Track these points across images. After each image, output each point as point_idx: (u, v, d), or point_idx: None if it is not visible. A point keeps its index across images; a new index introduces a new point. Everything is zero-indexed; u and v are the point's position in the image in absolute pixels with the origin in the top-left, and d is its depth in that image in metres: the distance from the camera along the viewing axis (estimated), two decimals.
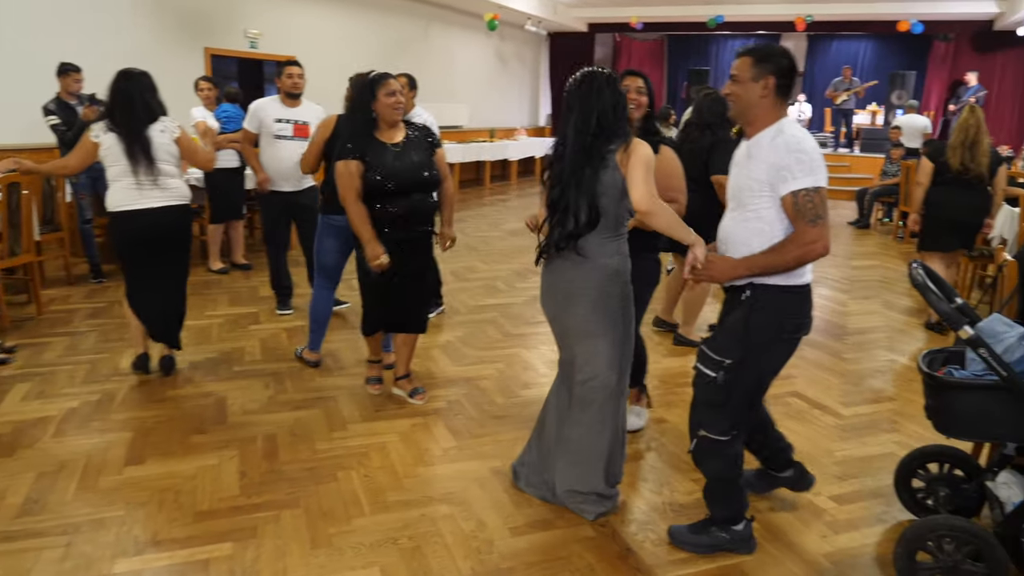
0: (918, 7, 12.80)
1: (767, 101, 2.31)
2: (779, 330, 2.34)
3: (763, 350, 2.35)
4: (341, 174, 3.33)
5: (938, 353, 2.57)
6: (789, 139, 2.24)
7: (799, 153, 2.20)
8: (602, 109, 2.50)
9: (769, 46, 2.37)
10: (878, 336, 5.15)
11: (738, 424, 2.46)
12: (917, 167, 5.38)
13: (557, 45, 16.49)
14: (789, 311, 2.35)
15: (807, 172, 2.19)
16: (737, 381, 2.37)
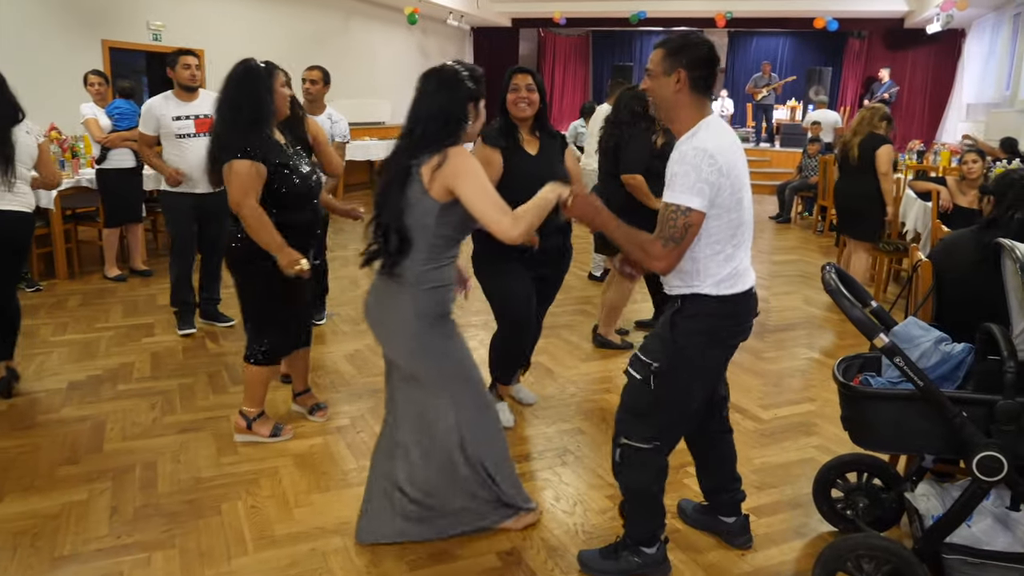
0: (833, 5, 13.10)
1: (683, 96, 2.11)
2: (710, 338, 2.18)
3: (691, 357, 2.18)
4: (245, 175, 2.91)
5: (854, 360, 2.47)
6: (689, 150, 2.04)
7: (688, 166, 2.01)
8: (430, 115, 2.14)
9: (684, 36, 2.17)
10: (798, 333, 5.12)
11: (664, 434, 2.29)
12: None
13: (481, 40, 16.30)
14: (721, 319, 2.19)
15: (686, 189, 2.01)
16: (664, 387, 2.19)
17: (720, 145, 2.05)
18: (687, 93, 2.12)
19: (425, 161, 2.11)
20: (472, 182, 2.08)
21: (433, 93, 2.14)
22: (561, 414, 3.67)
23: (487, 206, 2.07)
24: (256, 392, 3.28)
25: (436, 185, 2.10)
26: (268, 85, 3.00)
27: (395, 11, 12.97)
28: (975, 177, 5.05)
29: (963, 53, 13.45)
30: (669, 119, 2.21)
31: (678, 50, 2.11)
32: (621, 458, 2.31)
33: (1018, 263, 2.02)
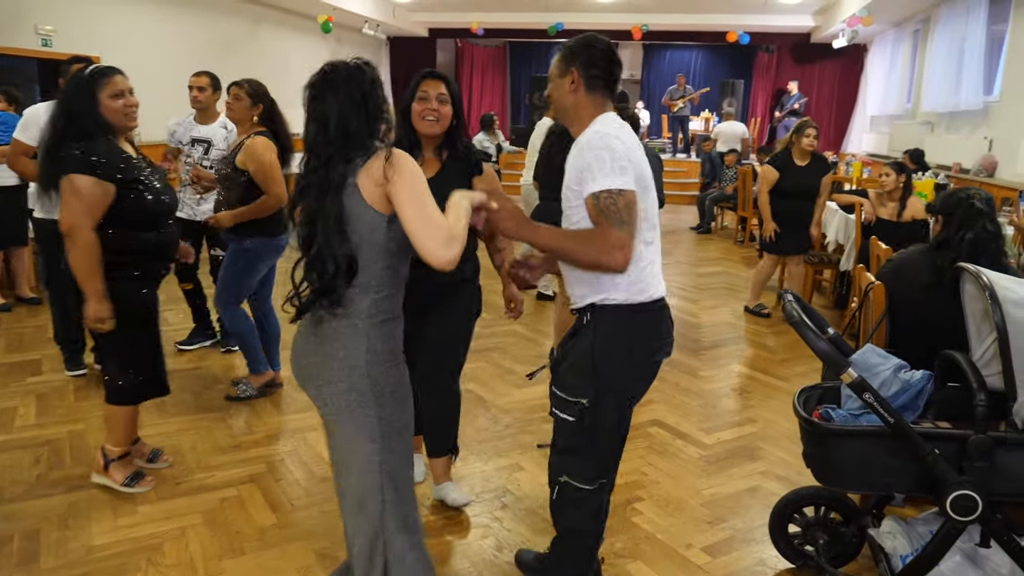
0: (744, 19, 13.43)
1: (579, 97, 2.02)
2: (629, 353, 2.01)
3: (617, 385, 2.02)
4: (87, 194, 2.57)
5: (812, 390, 2.34)
6: (591, 136, 1.94)
7: (600, 151, 1.89)
8: (341, 112, 1.80)
9: (581, 37, 2.07)
10: (730, 349, 5.06)
11: (606, 470, 2.13)
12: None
13: (398, 50, 15.98)
14: (639, 333, 2.02)
15: (608, 172, 1.86)
16: (598, 423, 2.02)
17: (619, 132, 1.95)
18: (583, 93, 2.02)
19: (360, 166, 1.78)
20: (412, 192, 1.75)
21: (335, 93, 1.81)
22: (497, 449, 3.44)
23: (417, 219, 1.73)
24: (118, 431, 2.97)
25: (379, 194, 1.77)
26: (88, 95, 2.66)
27: (308, 19, 12.52)
28: (889, 189, 5.12)
29: (866, 67, 14.00)
30: (569, 121, 2.10)
31: (571, 51, 2.04)
32: (559, 497, 2.13)
33: (987, 290, 1.92)
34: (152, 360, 2.98)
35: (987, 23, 8.49)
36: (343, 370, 1.85)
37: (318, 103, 1.83)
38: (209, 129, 4.39)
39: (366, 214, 1.78)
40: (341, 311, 1.84)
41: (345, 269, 1.79)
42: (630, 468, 3.27)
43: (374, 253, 1.81)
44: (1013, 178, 7.50)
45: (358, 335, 1.84)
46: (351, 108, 1.80)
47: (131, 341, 2.86)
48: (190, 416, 3.70)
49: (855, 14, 10.51)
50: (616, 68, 2.05)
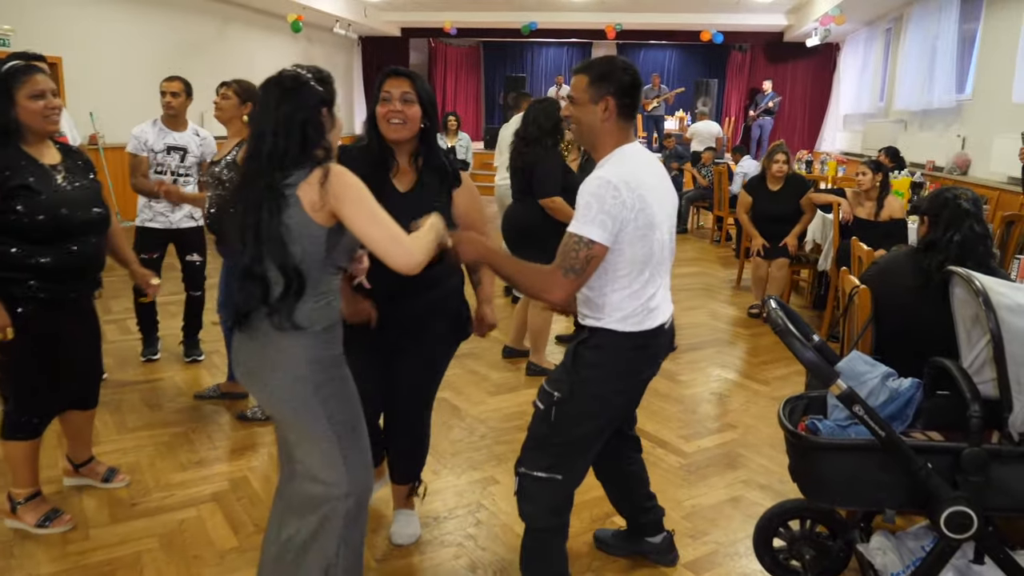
0: (718, 18, 13.41)
1: (609, 125, 2.01)
2: (613, 370, 2.06)
3: (592, 389, 2.06)
4: None
5: (798, 401, 2.24)
6: (595, 178, 1.93)
7: (591, 196, 1.91)
8: (280, 129, 1.74)
9: (609, 61, 2.05)
10: (709, 352, 4.97)
11: (562, 466, 2.11)
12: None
13: (370, 50, 15.78)
14: (627, 352, 2.06)
15: (587, 220, 1.89)
16: (564, 417, 2.06)
17: (628, 177, 1.92)
18: (613, 121, 2.02)
19: (302, 178, 1.73)
20: (360, 207, 1.74)
21: (277, 104, 1.76)
22: (471, 461, 3.32)
23: (381, 234, 1.73)
24: (19, 471, 2.69)
25: (321, 207, 1.73)
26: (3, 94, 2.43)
27: (277, 18, 12.29)
28: (866, 188, 5.07)
29: (838, 66, 14.06)
30: (592, 147, 2.08)
31: (604, 76, 2.00)
32: (519, 487, 2.16)
33: (980, 295, 1.83)
34: (40, 396, 2.65)
35: (959, 22, 8.52)
36: (287, 379, 1.83)
37: (259, 113, 1.79)
38: (183, 136, 4.21)
39: (308, 227, 1.74)
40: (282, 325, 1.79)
41: (296, 287, 1.75)
42: None
43: (316, 264, 1.78)
44: (986, 176, 7.53)
45: (300, 345, 1.82)
46: (288, 129, 1.74)
47: (28, 370, 2.57)
48: (150, 431, 3.53)
49: (827, 13, 10.52)
50: (641, 95, 2.08)
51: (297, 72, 1.80)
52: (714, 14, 13.37)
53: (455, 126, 8.74)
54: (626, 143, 2.04)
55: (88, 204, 2.60)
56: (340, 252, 1.84)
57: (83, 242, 2.58)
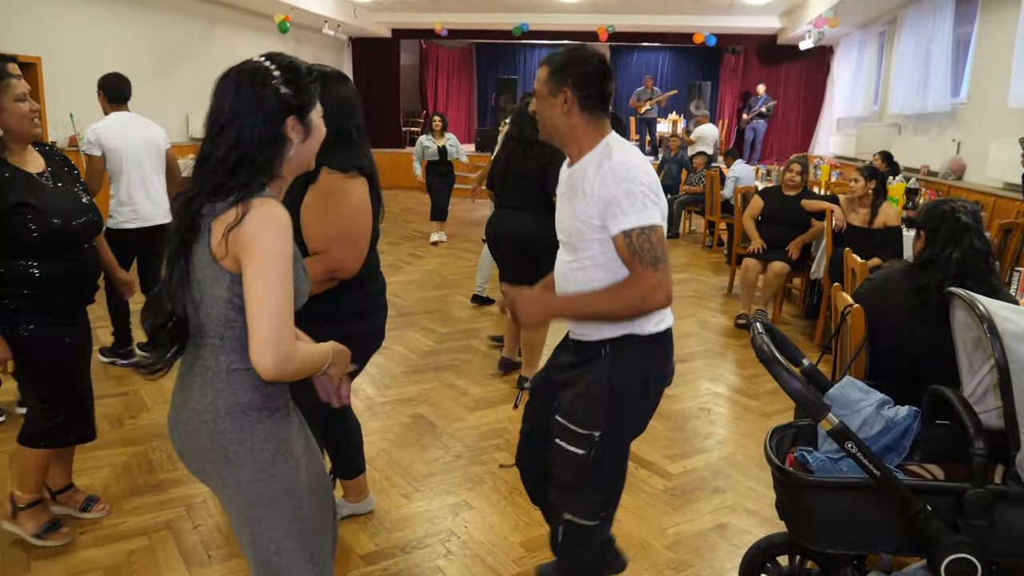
0: (711, 20, 13.28)
1: (574, 119, 1.89)
2: (646, 387, 1.98)
3: (631, 412, 1.98)
4: None
5: (785, 430, 2.08)
6: (617, 167, 1.79)
7: (628, 183, 1.77)
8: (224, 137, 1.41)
9: (571, 51, 1.92)
10: (698, 364, 4.81)
11: (610, 503, 2.06)
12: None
13: (360, 51, 15.60)
14: (654, 363, 1.98)
15: (639, 207, 1.76)
16: (608, 455, 1.95)
17: (641, 159, 1.86)
18: (577, 114, 1.89)
19: (220, 211, 1.40)
20: (261, 270, 1.36)
21: (230, 104, 1.41)
22: (445, 484, 3.15)
23: (265, 317, 1.36)
24: (29, 476, 2.61)
25: (227, 250, 1.38)
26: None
27: (264, 18, 12.10)
28: (859, 195, 4.92)
29: (832, 69, 13.94)
30: (563, 143, 1.95)
31: (563, 67, 1.88)
32: (564, 537, 2.02)
33: (984, 321, 1.67)
34: (75, 401, 2.62)
35: (954, 25, 8.40)
36: (200, 434, 1.50)
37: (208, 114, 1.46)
38: None
39: (211, 266, 1.42)
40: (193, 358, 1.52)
41: (180, 326, 1.49)
42: None
43: (219, 309, 1.44)
44: (982, 181, 7.40)
45: (209, 387, 1.48)
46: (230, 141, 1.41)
47: (47, 379, 2.52)
48: (108, 450, 3.35)
49: (821, 15, 10.39)
50: (611, 84, 1.93)
51: (263, 64, 1.44)
52: (707, 16, 13.24)
53: (440, 126, 8.69)
54: (607, 133, 1.91)
55: (80, 210, 2.50)
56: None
57: (79, 249, 2.52)
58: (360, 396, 4.06)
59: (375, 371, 4.44)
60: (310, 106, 1.49)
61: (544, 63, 1.92)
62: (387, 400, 4.04)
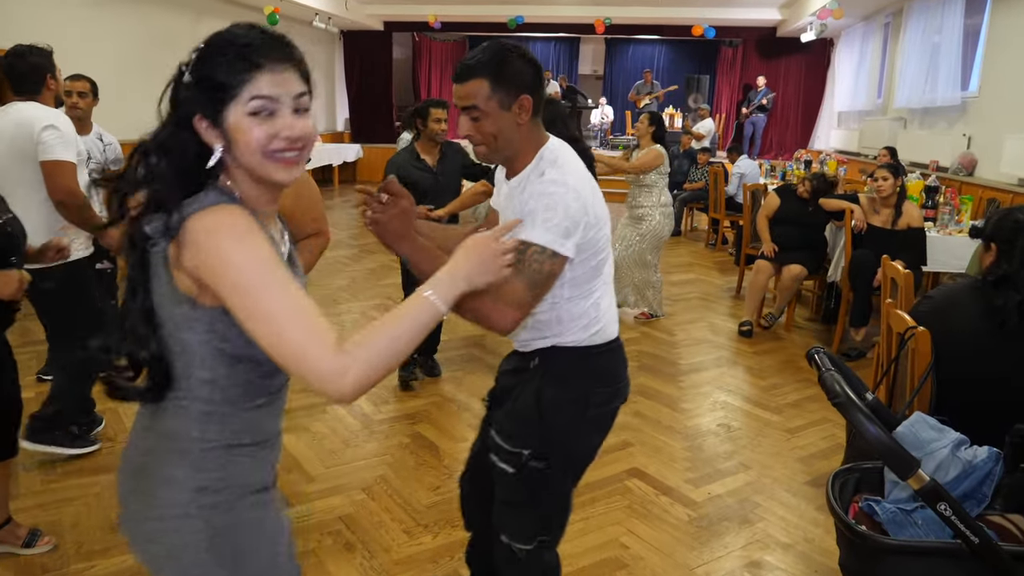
0: (709, 12, 13.01)
1: (526, 128, 1.68)
2: (585, 405, 1.77)
3: (569, 433, 1.78)
4: None
5: (848, 474, 1.81)
6: (547, 185, 1.60)
7: (553, 204, 1.58)
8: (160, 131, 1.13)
9: (499, 52, 1.65)
10: (712, 374, 4.55)
11: (549, 528, 1.88)
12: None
13: (352, 44, 15.25)
14: (594, 379, 1.78)
15: (551, 228, 1.56)
16: (541, 476, 1.77)
17: (576, 175, 1.66)
18: (528, 123, 1.68)
19: (163, 230, 1.09)
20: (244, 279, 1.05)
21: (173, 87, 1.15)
22: (448, 516, 2.86)
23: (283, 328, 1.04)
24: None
25: (187, 277, 1.09)
26: None
27: (253, 11, 11.77)
28: (887, 194, 4.66)
29: (832, 62, 13.69)
30: (512, 159, 1.72)
31: (509, 74, 1.63)
32: (499, 559, 1.89)
33: None
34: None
35: (963, 15, 8.15)
36: (161, 517, 1.18)
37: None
38: (87, 140, 3.74)
39: (173, 297, 1.12)
40: (159, 424, 1.20)
41: (153, 374, 1.16)
42: (607, 538, 2.74)
43: (189, 356, 1.14)
44: (995, 177, 7.16)
45: (178, 459, 1.18)
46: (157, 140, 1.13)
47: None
48: (79, 479, 3.07)
49: (825, 6, 10.13)
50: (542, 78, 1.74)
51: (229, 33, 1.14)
52: (706, 8, 12.96)
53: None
54: (544, 141, 1.72)
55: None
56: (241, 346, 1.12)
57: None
58: (356, 413, 3.79)
59: None
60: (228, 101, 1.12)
61: (474, 76, 1.62)
62: (384, 418, 3.76)
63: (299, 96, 1.15)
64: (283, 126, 1.12)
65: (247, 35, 1.12)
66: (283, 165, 1.14)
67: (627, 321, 5.43)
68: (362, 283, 6.37)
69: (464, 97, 1.64)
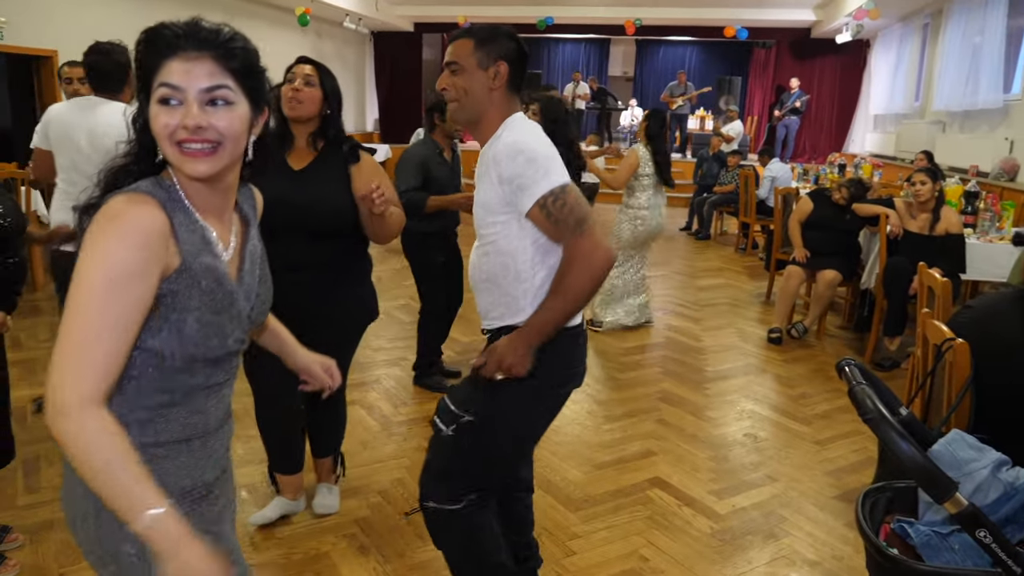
0: (742, 13, 12.83)
1: (498, 95, 1.82)
2: (536, 384, 1.83)
3: (515, 408, 1.87)
4: None
5: (879, 494, 1.72)
6: (509, 145, 1.74)
7: (523, 154, 1.71)
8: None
9: (495, 27, 1.86)
10: (739, 381, 4.44)
11: (475, 489, 1.93)
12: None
13: (382, 45, 15.33)
14: (549, 360, 1.82)
15: (543, 173, 1.70)
16: (476, 442, 1.87)
17: (533, 132, 1.81)
18: (503, 91, 1.82)
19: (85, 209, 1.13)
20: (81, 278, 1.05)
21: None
22: None
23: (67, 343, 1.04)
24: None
25: None
26: None
27: (285, 11, 11.85)
28: (925, 199, 4.52)
29: (868, 63, 13.42)
30: (476, 120, 1.84)
31: (492, 39, 1.81)
32: (427, 522, 2.01)
33: None
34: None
35: (1006, 16, 7.91)
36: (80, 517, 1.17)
37: None
38: None
39: None
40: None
41: None
42: (628, 549, 2.66)
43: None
44: None
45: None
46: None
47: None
48: None
49: (861, 7, 9.92)
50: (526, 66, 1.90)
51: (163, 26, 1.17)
52: (738, 9, 12.79)
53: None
54: (511, 116, 1.84)
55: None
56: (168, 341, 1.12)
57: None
58: (375, 414, 3.76)
59: (391, 385, 4.14)
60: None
61: (464, 36, 1.82)
62: (403, 419, 3.72)
63: (212, 88, 1.12)
64: (186, 115, 1.10)
65: (172, 26, 1.14)
66: (189, 157, 1.11)
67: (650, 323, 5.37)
68: (387, 283, 6.34)
69: (451, 54, 1.81)
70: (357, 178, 2.40)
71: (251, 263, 1.29)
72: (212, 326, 1.15)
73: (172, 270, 1.10)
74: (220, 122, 1.12)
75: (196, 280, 1.13)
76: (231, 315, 1.19)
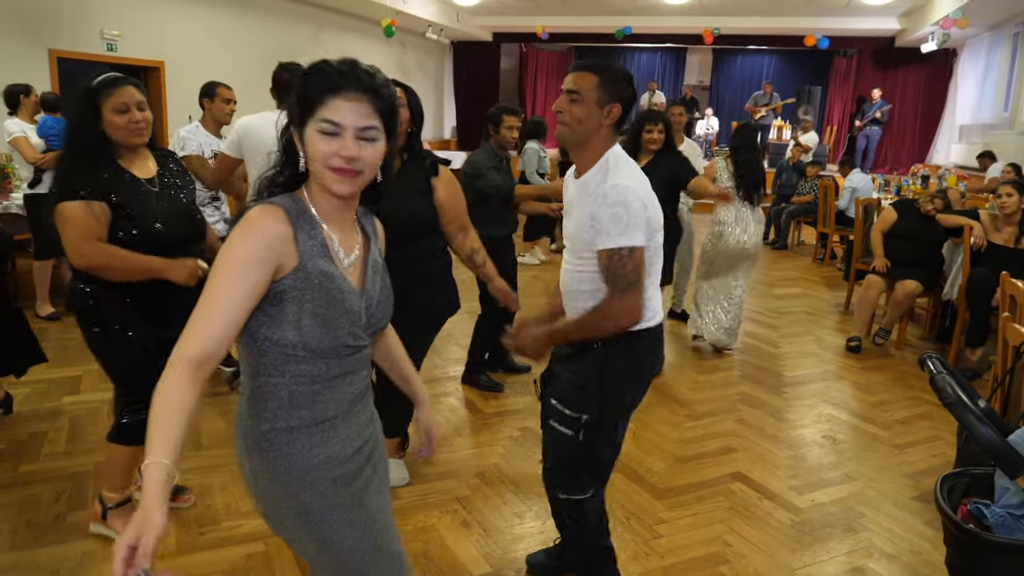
0: (823, 22, 12.73)
1: (606, 131, 2.02)
2: (637, 377, 2.15)
3: (621, 402, 2.14)
4: (79, 219, 2.25)
5: (957, 478, 1.87)
6: (609, 191, 1.93)
7: (617, 207, 1.91)
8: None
9: (619, 69, 2.05)
10: (817, 386, 4.54)
11: (598, 480, 2.28)
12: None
13: (461, 54, 15.75)
14: (645, 356, 2.14)
15: (622, 230, 1.91)
16: (597, 436, 2.13)
17: (635, 180, 1.98)
18: (609, 128, 2.02)
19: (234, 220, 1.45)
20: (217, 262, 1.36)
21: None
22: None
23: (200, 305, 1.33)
24: (116, 475, 2.66)
25: None
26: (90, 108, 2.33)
27: (371, 23, 12.38)
28: (1010, 212, 4.53)
29: (956, 73, 13.11)
30: (581, 151, 2.05)
31: (614, 82, 2.00)
32: (557, 513, 2.30)
33: None
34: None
35: None
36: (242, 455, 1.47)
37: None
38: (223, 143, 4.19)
39: None
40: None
41: None
42: (711, 535, 2.84)
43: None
44: None
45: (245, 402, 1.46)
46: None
47: (139, 373, 2.45)
48: (225, 449, 3.41)
49: (948, 16, 9.77)
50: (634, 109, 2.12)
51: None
52: (820, 18, 12.69)
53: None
54: (611, 148, 2.04)
55: (185, 216, 2.52)
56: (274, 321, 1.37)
57: (175, 256, 2.48)
58: (468, 405, 4.02)
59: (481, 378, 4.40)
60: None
61: (590, 70, 1.99)
62: (494, 412, 3.98)
63: (366, 128, 1.35)
64: (342, 147, 1.33)
65: (334, 64, 1.35)
66: (338, 176, 1.35)
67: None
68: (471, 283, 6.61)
69: (573, 82, 1.99)
70: (439, 188, 2.75)
71: (373, 272, 1.52)
72: (326, 321, 1.39)
73: (290, 268, 1.35)
74: (367, 154, 1.37)
75: (310, 279, 1.37)
76: (343, 311, 1.41)
